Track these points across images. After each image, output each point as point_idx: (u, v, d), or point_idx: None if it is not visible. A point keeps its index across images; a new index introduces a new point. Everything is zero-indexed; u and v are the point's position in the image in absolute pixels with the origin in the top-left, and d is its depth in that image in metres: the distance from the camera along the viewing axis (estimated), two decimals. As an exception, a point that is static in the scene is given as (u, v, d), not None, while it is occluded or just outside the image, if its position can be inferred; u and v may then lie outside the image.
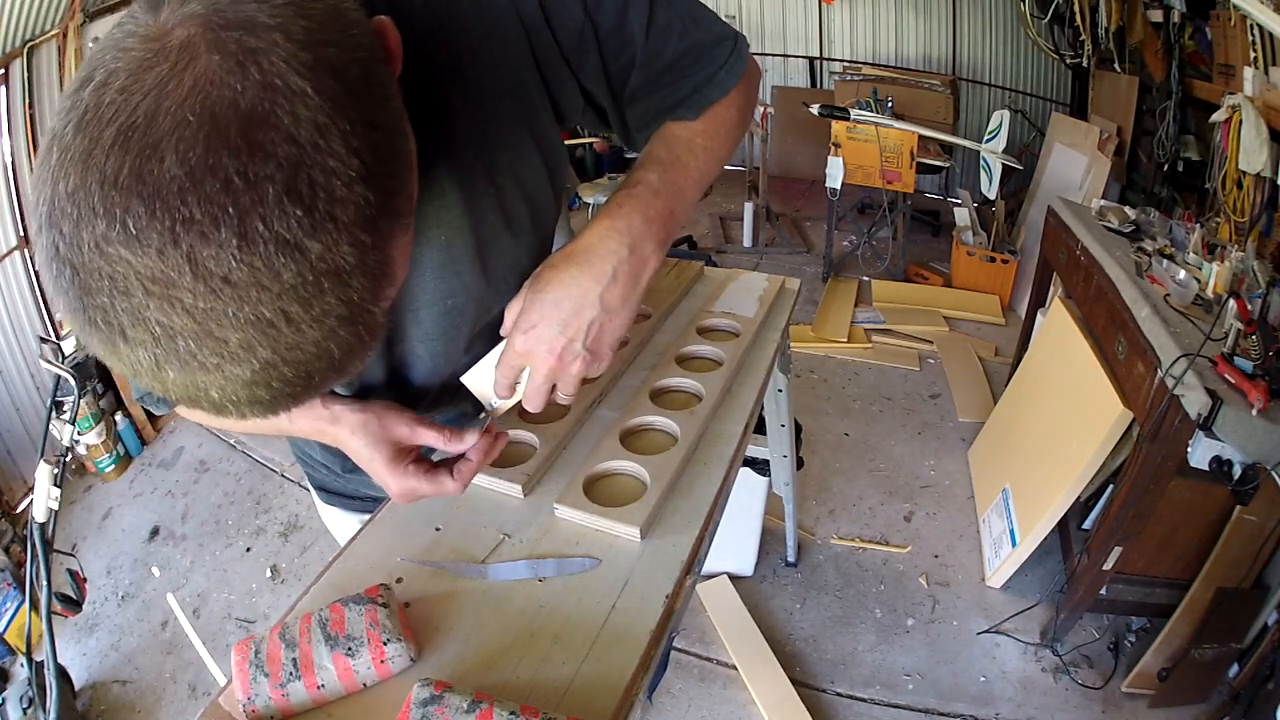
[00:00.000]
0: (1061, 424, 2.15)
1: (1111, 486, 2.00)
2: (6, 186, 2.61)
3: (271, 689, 0.61)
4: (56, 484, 0.75)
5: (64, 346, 0.78)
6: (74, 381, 0.75)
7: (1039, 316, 2.71)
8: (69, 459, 0.81)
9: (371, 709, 0.63)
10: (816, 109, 3.77)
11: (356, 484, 1.01)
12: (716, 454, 0.88)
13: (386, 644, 0.63)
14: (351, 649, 0.62)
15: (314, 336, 0.42)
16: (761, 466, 1.80)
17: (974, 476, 2.65)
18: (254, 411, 0.45)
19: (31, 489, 0.79)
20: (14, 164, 2.60)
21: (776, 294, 1.22)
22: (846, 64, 5.18)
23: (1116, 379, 1.93)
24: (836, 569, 2.34)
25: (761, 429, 1.65)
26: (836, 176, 3.81)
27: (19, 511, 2.52)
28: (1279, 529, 1.74)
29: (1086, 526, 2.10)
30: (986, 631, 2.11)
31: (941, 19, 4.81)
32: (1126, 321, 1.85)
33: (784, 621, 2.18)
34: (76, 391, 0.76)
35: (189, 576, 2.43)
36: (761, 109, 4.12)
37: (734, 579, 2.27)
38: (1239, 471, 1.50)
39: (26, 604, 2.04)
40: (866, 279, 4.01)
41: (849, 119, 3.69)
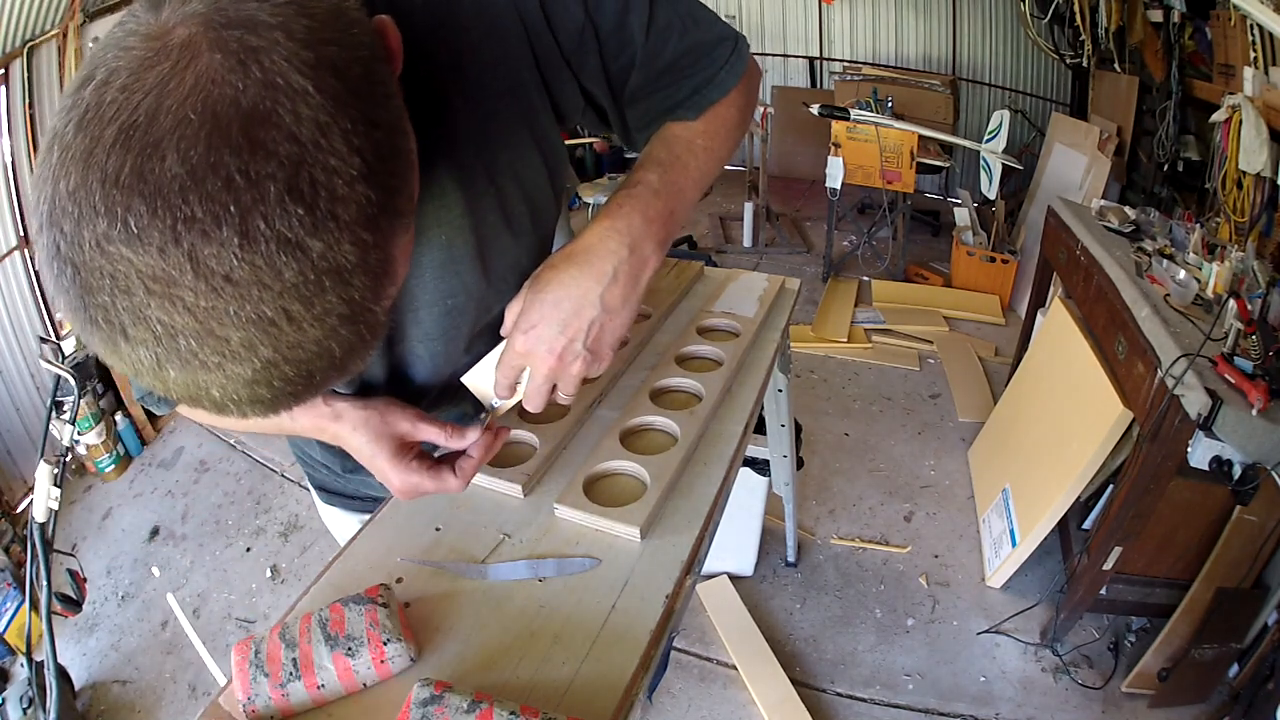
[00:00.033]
0: (1061, 424, 2.15)
1: (1111, 486, 2.00)
2: (6, 186, 2.61)
3: (271, 689, 0.61)
4: (56, 484, 0.75)
5: (64, 346, 0.78)
6: (74, 381, 0.75)
7: (1039, 316, 2.71)
8: (69, 459, 0.81)
9: (371, 709, 0.63)
10: (816, 109, 3.77)
11: (357, 484, 1.01)
12: (716, 454, 0.88)
13: (386, 644, 0.63)
14: (351, 649, 0.62)
15: (315, 335, 0.42)
16: (761, 466, 1.79)
17: (974, 476, 2.65)
18: (255, 411, 0.45)
19: (31, 489, 0.79)
20: (14, 164, 2.61)
21: (776, 294, 1.22)
22: (846, 64, 5.18)
23: (1116, 379, 1.93)
24: (836, 569, 2.34)
25: (761, 429, 1.65)
26: (836, 176, 3.81)
27: (19, 511, 2.52)
28: (1279, 529, 1.74)
29: (1086, 526, 2.10)
30: (986, 631, 2.11)
31: (941, 19, 4.81)
32: (1126, 321, 1.85)
33: (784, 621, 2.18)
34: (76, 391, 0.76)
35: (189, 576, 2.43)
36: (761, 109, 4.12)
37: (734, 579, 2.27)
38: (1239, 471, 1.50)
39: (26, 604, 2.04)
40: (866, 279, 4.01)
41: (849, 119, 3.69)
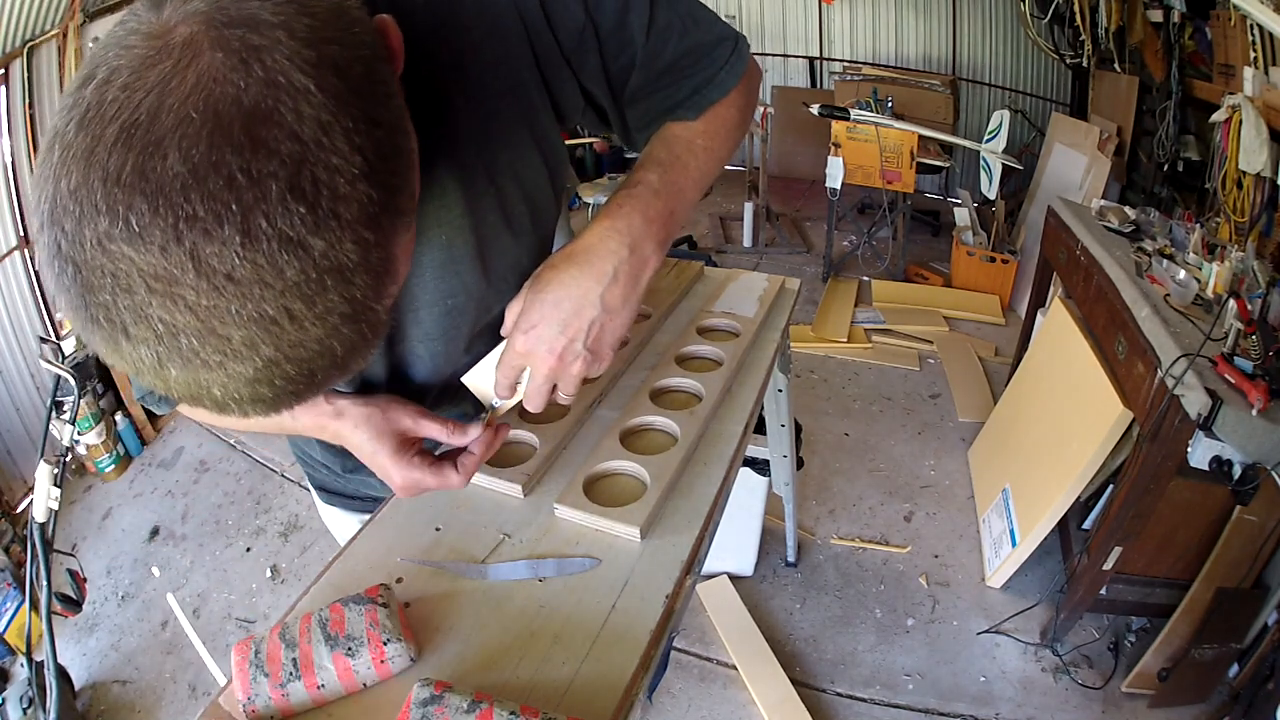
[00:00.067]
0: (1061, 424, 2.15)
1: (1111, 486, 2.00)
2: (6, 186, 2.61)
3: (271, 689, 0.61)
4: (56, 484, 0.75)
5: (64, 346, 0.78)
6: (74, 381, 0.75)
7: (1039, 316, 2.71)
8: (69, 459, 0.81)
9: (371, 709, 0.63)
10: (816, 109, 3.77)
11: (357, 484, 1.01)
12: (716, 454, 0.88)
13: (386, 644, 0.63)
14: (351, 649, 0.62)
15: (317, 334, 0.42)
16: (761, 466, 1.79)
17: (974, 476, 2.65)
18: (256, 410, 0.45)
19: (31, 489, 0.79)
20: (14, 164, 2.61)
21: (776, 294, 1.22)
22: (846, 64, 5.18)
23: (1116, 379, 1.93)
24: (836, 569, 2.34)
25: (761, 429, 1.65)
26: (836, 176, 3.81)
27: (19, 511, 2.52)
28: (1279, 529, 1.74)
29: (1086, 526, 2.10)
30: (986, 631, 2.11)
31: (941, 19, 4.81)
32: (1126, 321, 1.85)
33: (784, 621, 2.18)
34: (76, 391, 0.76)
35: (189, 576, 2.43)
36: (761, 109, 4.12)
37: (734, 579, 2.27)
38: (1239, 471, 1.50)
39: (26, 604, 2.04)
40: (866, 279, 4.01)
41: (849, 119, 3.69)
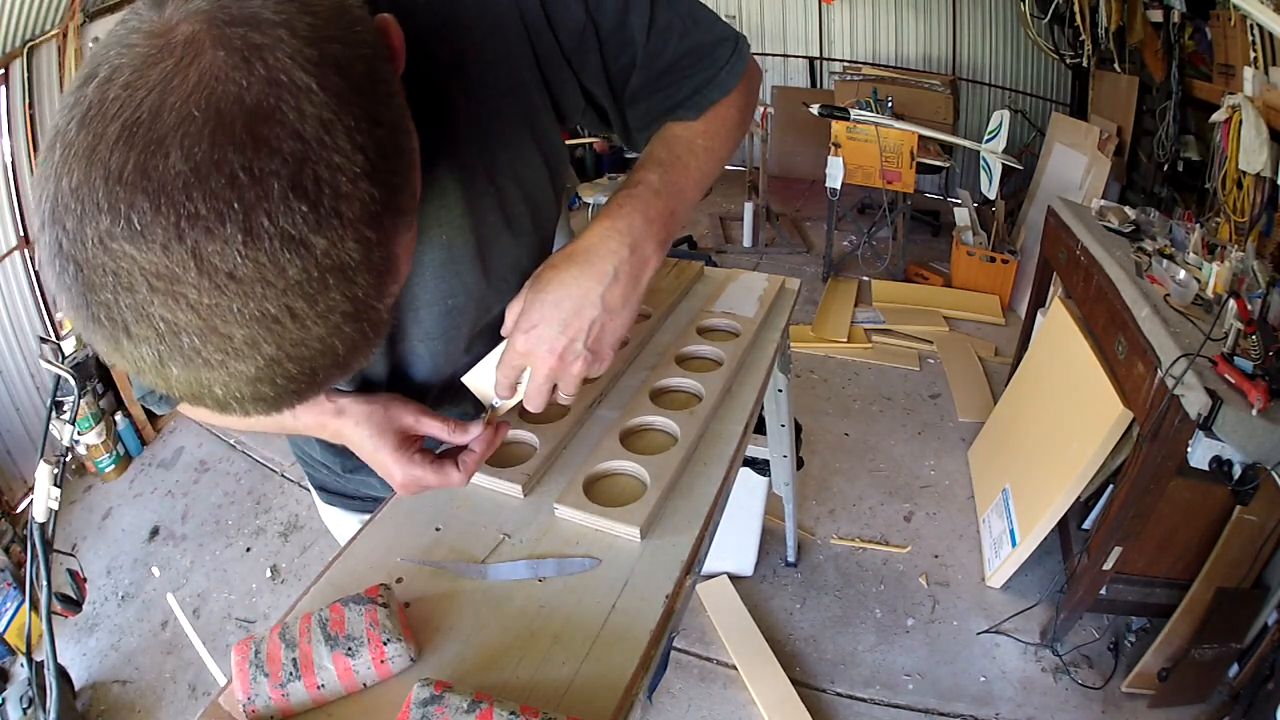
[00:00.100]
0: (1061, 424, 2.15)
1: (1111, 486, 2.00)
2: (6, 186, 2.61)
3: (271, 689, 0.61)
4: (56, 484, 0.75)
5: (64, 346, 0.78)
6: (74, 381, 0.75)
7: (1039, 316, 2.71)
8: (69, 459, 0.81)
9: (371, 709, 0.63)
10: (816, 109, 3.77)
11: (357, 484, 1.01)
12: (716, 454, 0.88)
13: (386, 644, 0.63)
14: (351, 649, 0.62)
15: (319, 333, 0.42)
16: (761, 466, 1.79)
17: (974, 476, 2.65)
18: (258, 409, 0.45)
19: (31, 489, 0.79)
20: (14, 164, 2.61)
21: (776, 294, 1.22)
22: (846, 64, 5.18)
23: (1116, 379, 1.93)
24: (836, 569, 2.34)
25: (761, 429, 1.65)
26: (836, 176, 3.81)
27: (19, 511, 2.52)
28: (1279, 529, 1.74)
29: (1086, 526, 2.10)
30: (986, 631, 2.11)
31: (941, 19, 4.81)
32: (1126, 321, 1.85)
33: (784, 621, 2.18)
34: (76, 391, 0.75)
35: (189, 576, 2.43)
36: (761, 109, 4.12)
37: (734, 579, 2.27)
38: (1239, 471, 1.50)
39: (26, 604, 2.04)
40: (866, 279, 4.01)
41: (849, 119, 3.69)
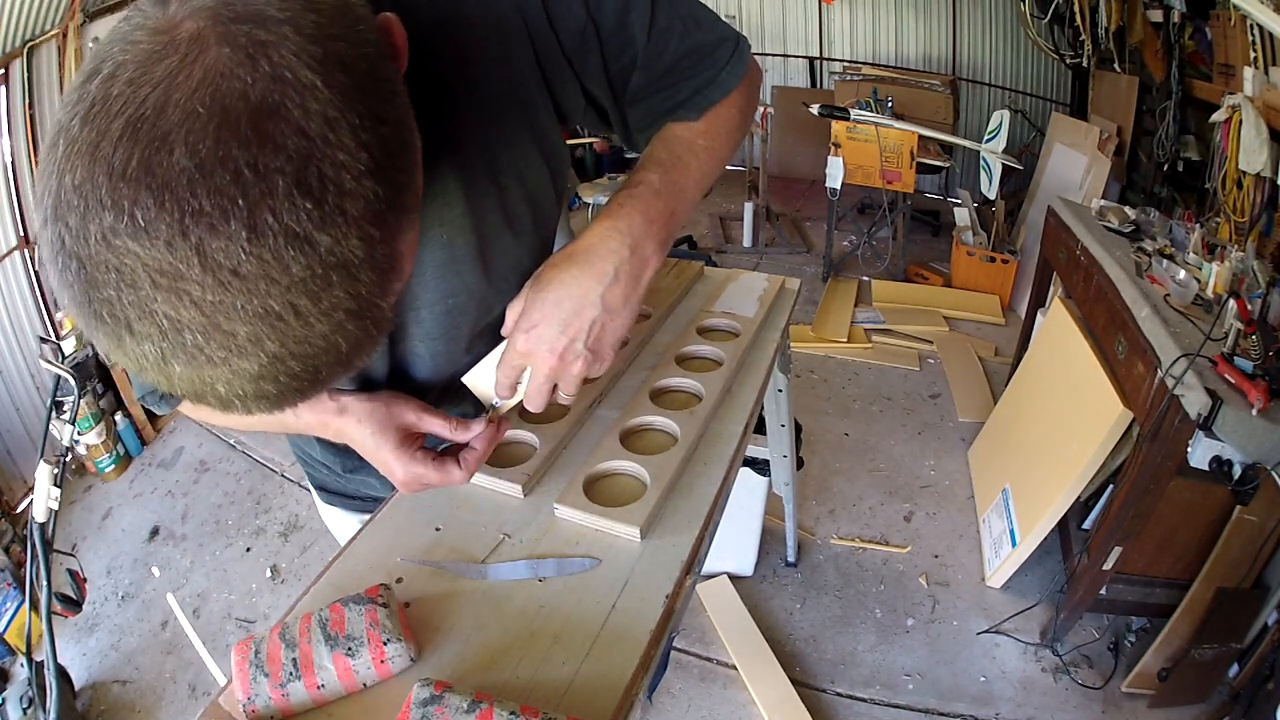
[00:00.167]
0: (1061, 424, 2.15)
1: (1111, 486, 2.00)
2: (6, 186, 2.61)
3: (271, 689, 0.61)
4: (56, 484, 0.75)
5: (64, 346, 0.78)
6: (74, 381, 0.75)
7: (1039, 316, 2.71)
8: (69, 459, 0.81)
9: (371, 709, 0.63)
10: (816, 109, 3.77)
11: (357, 484, 1.01)
12: (716, 454, 0.88)
13: (386, 644, 0.63)
14: (351, 649, 0.62)
15: (322, 330, 0.42)
16: (761, 466, 1.79)
17: (974, 476, 2.65)
18: (260, 407, 0.45)
19: (31, 489, 0.79)
20: (14, 164, 2.60)
21: (776, 294, 1.22)
22: (846, 64, 5.18)
23: (1116, 379, 1.93)
24: (836, 569, 2.34)
25: (761, 429, 1.64)
26: (836, 176, 3.81)
27: (19, 511, 2.52)
28: (1279, 529, 1.74)
29: (1086, 526, 2.10)
30: (986, 631, 2.11)
31: (941, 19, 4.81)
32: (1126, 321, 1.85)
33: (784, 621, 2.18)
34: (76, 391, 0.75)
35: (189, 576, 2.43)
36: (761, 109, 4.12)
37: (734, 579, 2.27)
38: (1239, 471, 1.50)
39: (26, 604, 2.04)
40: (866, 279, 4.01)
41: (849, 119, 3.69)
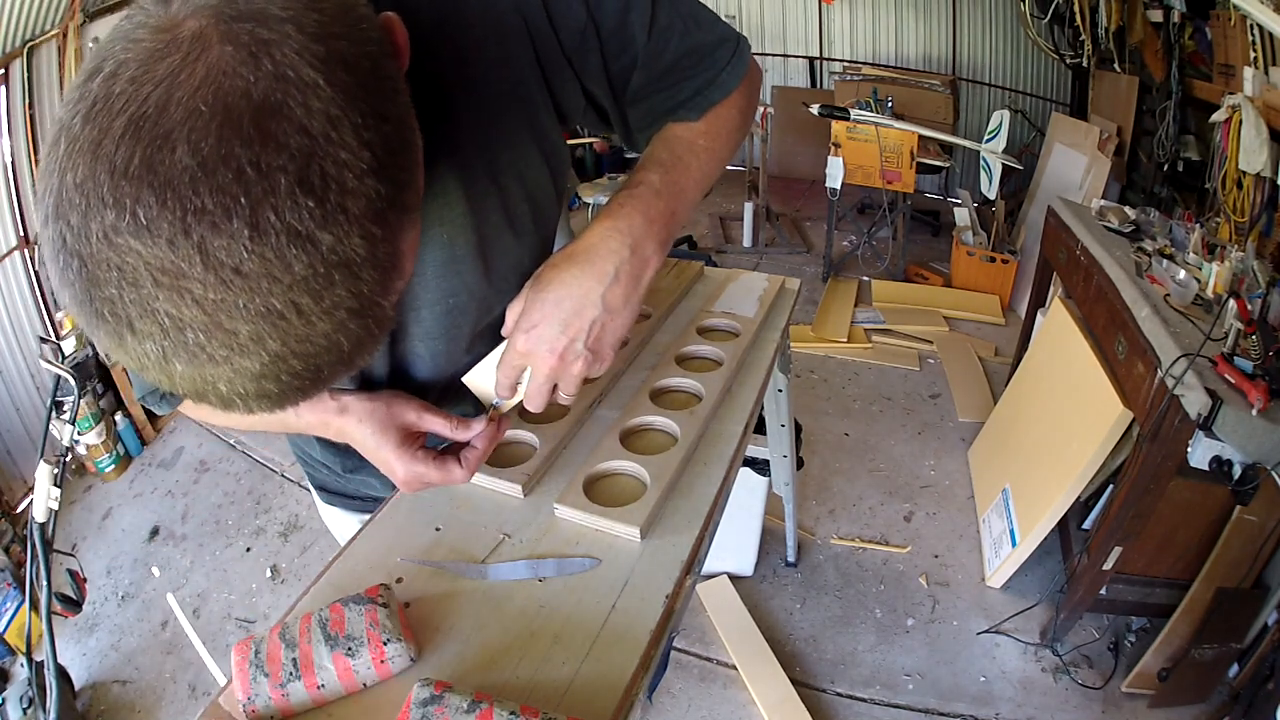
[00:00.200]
0: (1061, 424, 2.15)
1: (1111, 486, 2.00)
2: (6, 187, 2.61)
3: (271, 689, 0.61)
4: (56, 484, 0.75)
5: (64, 346, 0.78)
6: (74, 381, 0.75)
7: (1039, 316, 2.71)
8: (69, 459, 0.81)
9: (371, 709, 0.63)
10: (816, 109, 3.77)
11: (357, 484, 1.01)
12: (716, 454, 0.88)
13: (386, 644, 0.63)
14: (351, 649, 0.62)
15: (324, 329, 0.42)
16: (761, 466, 1.79)
17: (974, 476, 2.65)
18: (262, 406, 0.45)
19: (31, 489, 0.79)
20: (14, 164, 2.60)
21: (776, 294, 1.22)
22: (846, 64, 5.18)
23: (1116, 379, 1.93)
24: (836, 569, 2.34)
25: (761, 429, 1.64)
26: (836, 176, 3.81)
27: (19, 511, 2.52)
28: (1279, 529, 1.74)
29: (1086, 526, 2.10)
30: (986, 631, 2.11)
31: (941, 19, 4.81)
32: (1126, 321, 1.85)
33: (784, 621, 2.18)
34: (76, 391, 0.75)
35: (189, 576, 2.43)
36: (761, 109, 4.12)
37: (734, 579, 2.27)
38: (1239, 471, 1.50)
39: (26, 604, 2.04)
40: (866, 279, 4.01)
41: (849, 119, 3.69)
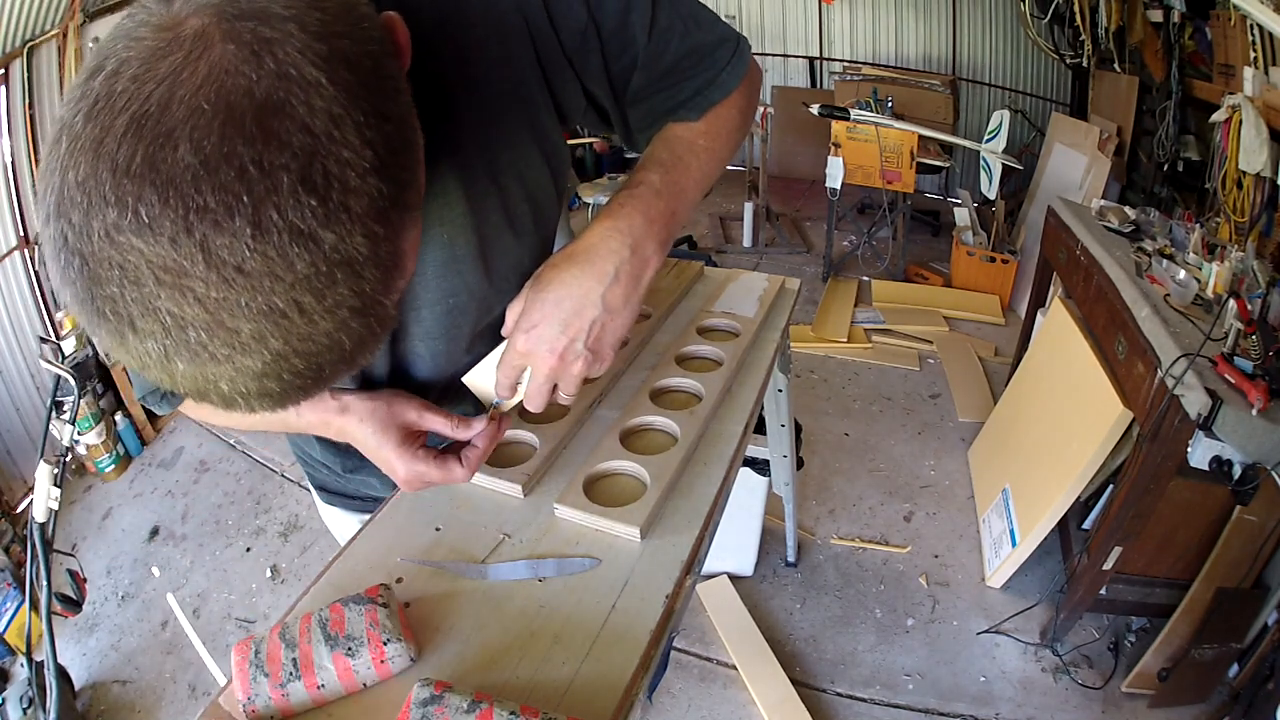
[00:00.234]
0: (1061, 424, 2.15)
1: (1111, 486, 2.00)
2: (6, 187, 2.61)
3: (271, 689, 0.61)
4: (56, 484, 0.75)
5: (64, 346, 0.78)
6: (74, 381, 0.75)
7: (1039, 316, 2.71)
8: (69, 459, 0.81)
9: (371, 709, 0.63)
10: (816, 109, 3.77)
11: (357, 484, 1.01)
12: (716, 454, 0.88)
13: (386, 644, 0.63)
14: (351, 649, 0.62)
15: (326, 328, 0.42)
16: (761, 466, 1.79)
17: (974, 476, 2.65)
18: (263, 405, 0.45)
19: (31, 489, 0.79)
20: (14, 164, 2.60)
21: (776, 294, 1.22)
22: (846, 64, 5.18)
23: (1116, 379, 1.93)
24: (836, 569, 2.34)
25: (761, 429, 1.64)
26: (836, 176, 3.81)
27: (19, 511, 2.52)
28: (1279, 529, 1.74)
29: (1086, 526, 2.10)
30: (986, 631, 2.11)
31: (941, 19, 4.81)
32: (1126, 321, 1.85)
33: (784, 621, 2.18)
34: (76, 391, 0.75)
35: (189, 576, 2.43)
36: (761, 109, 4.12)
37: (734, 579, 2.27)
38: (1239, 471, 1.50)
39: (26, 604, 2.04)
40: (866, 279, 4.01)
41: (849, 119, 3.69)
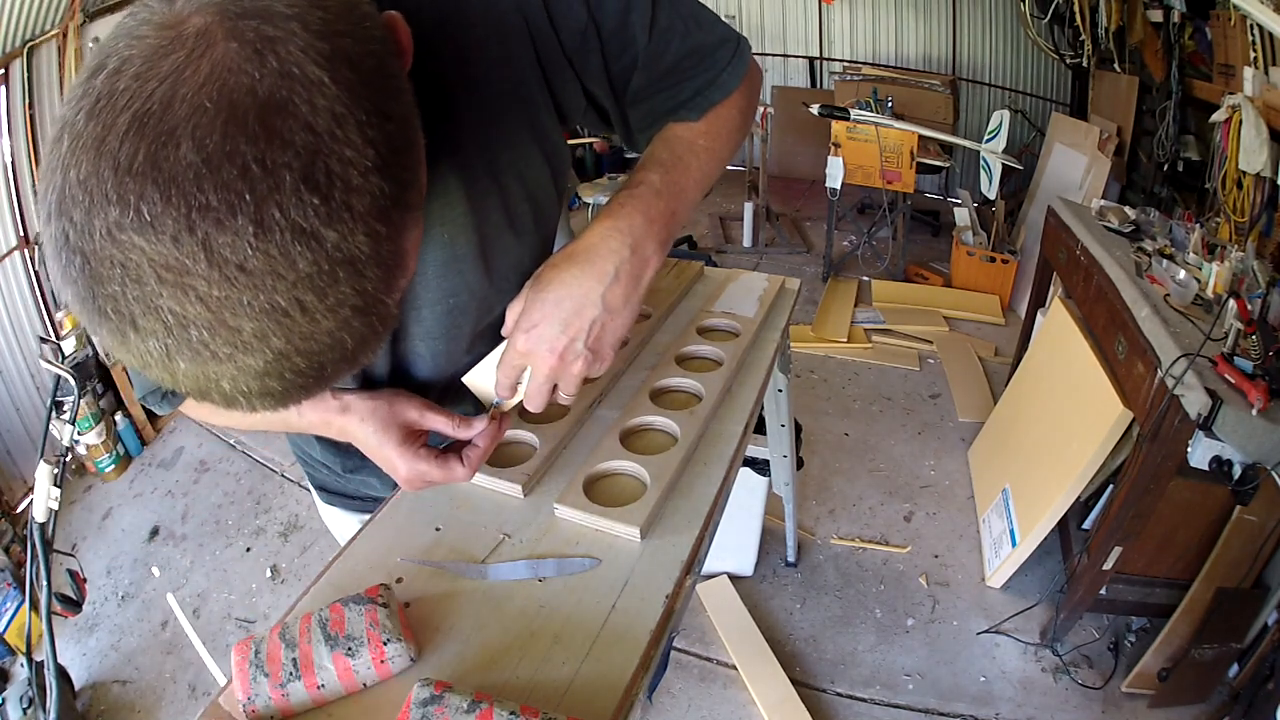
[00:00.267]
0: (1061, 424, 2.15)
1: (1111, 486, 2.00)
2: (6, 187, 2.61)
3: (271, 689, 0.61)
4: (56, 484, 0.75)
5: (64, 346, 0.78)
6: (74, 381, 0.75)
7: (1039, 316, 2.71)
8: (69, 459, 0.81)
9: (371, 709, 0.63)
10: (816, 109, 3.77)
11: (357, 484, 1.01)
12: (716, 454, 0.88)
13: (386, 644, 0.63)
14: (351, 649, 0.62)
15: (328, 326, 0.42)
16: (761, 466, 1.79)
17: (974, 476, 2.65)
18: (265, 404, 0.45)
19: (31, 489, 0.79)
20: (14, 164, 2.60)
21: (776, 294, 1.22)
22: (846, 64, 5.18)
23: (1116, 379, 1.93)
24: (836, 569, 2.34)
25: (761, 429, 1.64)
26: (836, 176, 3.81)
27: (19, 511, 2.52)
28: (1279, 529, 1.74)
29: (1086, 526, 2.10)
30: (986, 631, 2.11)
31: (941, 19, 4.81)
32: (1126, 321, 1.85)
33: (784, 621, 2.18)
34: (76, 391, 0.75)
35: (189, 576, 2.43)
36: (761, 109, 4.12)
37: (734, 579, 2.27)
38: (1239, 471, 1.50)
39: (26, 604, 2.04)
40: (866, 279, 4.01)
41: (849, 119, 3.69)
